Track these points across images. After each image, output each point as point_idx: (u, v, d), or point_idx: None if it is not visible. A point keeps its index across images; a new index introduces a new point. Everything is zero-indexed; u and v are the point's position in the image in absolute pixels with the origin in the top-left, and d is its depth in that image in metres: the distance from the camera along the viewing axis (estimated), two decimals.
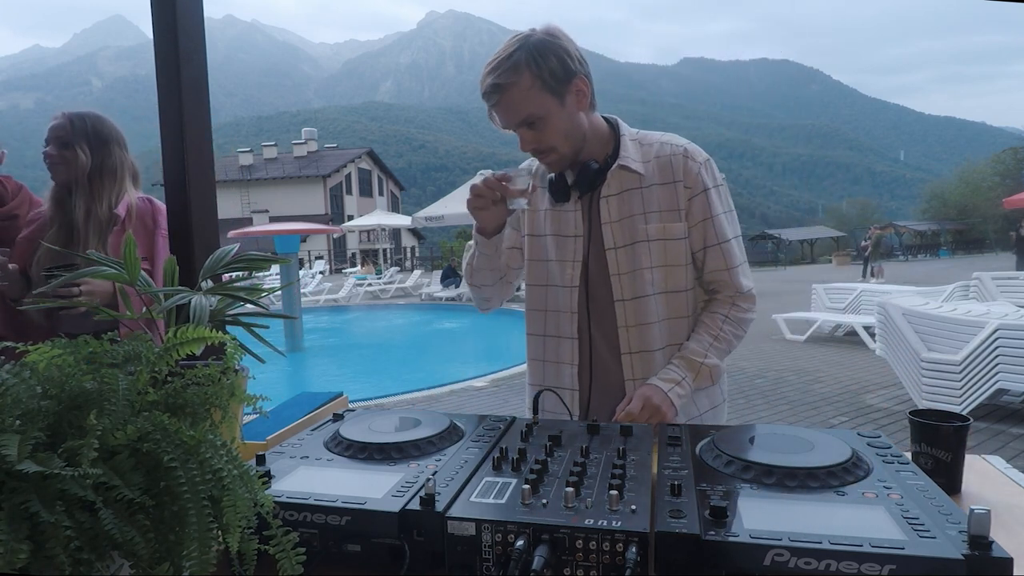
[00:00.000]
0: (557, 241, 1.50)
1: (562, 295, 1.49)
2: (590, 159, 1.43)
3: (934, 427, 1.03)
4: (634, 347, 1.44)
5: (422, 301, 17.57)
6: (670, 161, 1.44)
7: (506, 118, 1.36)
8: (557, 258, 1.50)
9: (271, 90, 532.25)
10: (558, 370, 1.51)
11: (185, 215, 1.37)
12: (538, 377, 1.56)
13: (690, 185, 1.42)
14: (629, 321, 1.43)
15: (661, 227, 1.42)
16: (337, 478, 0.88)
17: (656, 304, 1.44)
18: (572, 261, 1.48)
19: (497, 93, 1.33)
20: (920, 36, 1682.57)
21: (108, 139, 1.97)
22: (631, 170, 1.43)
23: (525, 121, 1.35)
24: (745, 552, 0.67)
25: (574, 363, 1.49)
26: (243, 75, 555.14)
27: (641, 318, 1.43)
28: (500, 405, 6.29)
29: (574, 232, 1.48)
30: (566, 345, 1.49)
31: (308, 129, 53.53)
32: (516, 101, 1.33)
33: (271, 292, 1.06)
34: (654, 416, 1.33)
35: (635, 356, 1.44)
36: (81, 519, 0.54)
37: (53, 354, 0.66)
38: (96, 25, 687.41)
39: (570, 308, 1.48)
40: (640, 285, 1.43)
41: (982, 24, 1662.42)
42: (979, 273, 7.96)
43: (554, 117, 1.35)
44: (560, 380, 1.51)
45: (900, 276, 19.23)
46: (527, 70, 1.31)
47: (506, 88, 1.32)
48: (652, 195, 1.43)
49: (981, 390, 4.91)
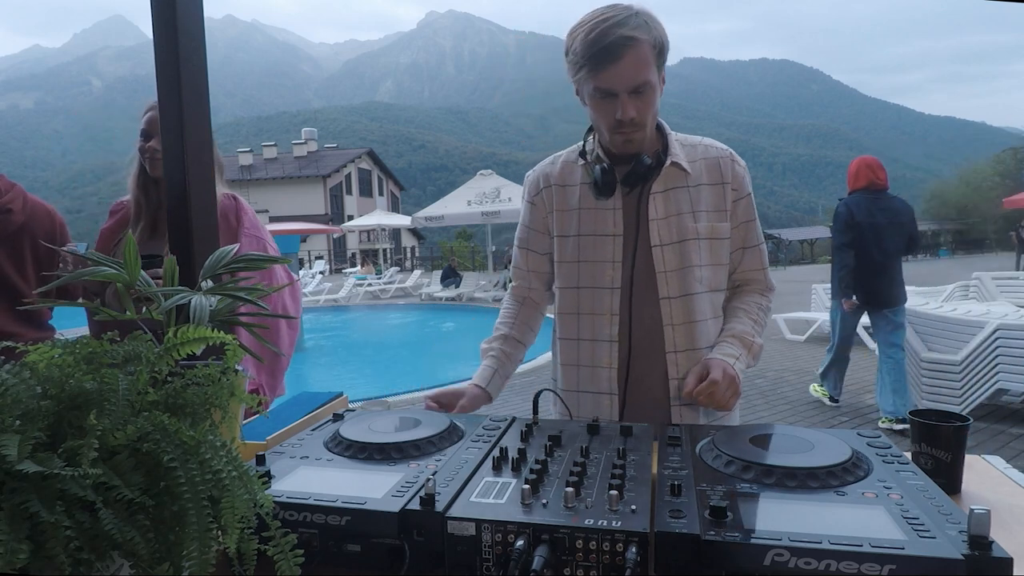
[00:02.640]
0: (595, 241, 1.46)
1: (600, 297, 1.45)
2: (642, 153, 1.40)
3: (934, 427, 1.03)
4: (680, 346, 1.42)
5: (422, 301, 17.57)
6: (718, 163, 1.46)
7: (624, 77, 1.29)
8: (594, 259, 1.46)
9: (271, 90, 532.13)
10: (594, 374, 1.47)
11: (185, 215, 1.37)
12: (572, 382, 1.51)
13: (736, 188, 1.46)
14: (676, 319, 1.41)
15: (710, 226, 1.43)
16: (337, 478, 0.88)
17: (704, 302, 1.43)
18: (612, 262, 1.44)
19: (627, 47, 1.26)
20: (920, 36, 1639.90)
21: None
22: (682, 168, 1.43)
23: (640, 85, 1.30)
24: (745, 552, 0.67)
25: (612, 366, 1.45)
26: (243, 75, 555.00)
27: (689, 316, 1.42)
28: (500, 405, 6.28)
29: (613, 231, 1.44)
30: (604, 348, 1.45)
31: (308, 129, 53.52)
32: (642, 59, 1.28)
33: (271, 292, 1.05)
34: (731, 387, 1.30)
35: (681, 355, 1.42)
36: (81, 519, 0.54)
37: (53, 354, 0.66)
38: (96, 25, 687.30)
39: (610, 310, 1.44)
40: (689, 283, 1.42)
41: (982, 24, 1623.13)
42: (979, 273, 7.95)
43: (655, 92, 1.34)
44: (597, 384, 1.47)
45: None
46: (649, 34, 1.29)
47: (638, 44, 1.27)
48: (700, 194, 1.44)
49: (981, 390, 4.91)
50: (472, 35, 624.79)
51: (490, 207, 15.88)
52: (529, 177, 1.60)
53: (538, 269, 1.59)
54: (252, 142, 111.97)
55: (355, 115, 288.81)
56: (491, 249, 20.52)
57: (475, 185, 16.95)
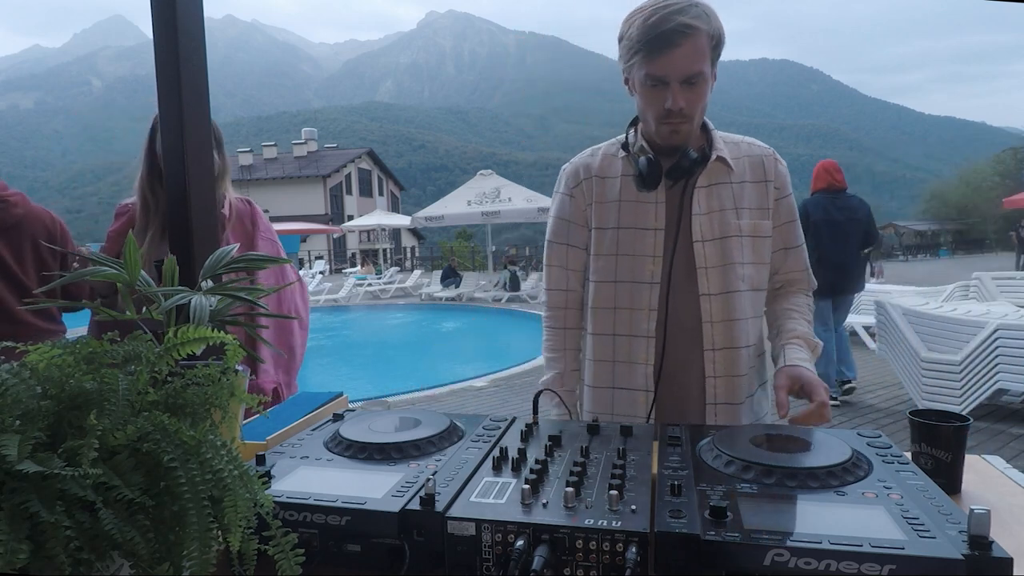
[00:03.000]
0: (634, 234, 1.43)
1: (639, 291, 1.42)
2: (687, 147, 1.38)
3: (934, 427, 1.03)
4: (719, 344, 1.39)
5: (422, 301, 17.56)
6: (762, 161, 1.45)
7: (678, 65, 1.27)
8: (633, 252, 1.43)
9: (271, 90, 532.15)
10: (630, 370, 1.44)
11: (185, 215, 1.37)
12: (605, 379, 1.48)
13: (779, 187, 1.46)
14: (715, 316, 1.39)
15: (753, 224, 1.42)
16: (337, 478, 0.88)
17: (746, 300, 1.42)
18: (652, 256, 1.41)
19: (685, 35, 1.25)
20: (920, 36, 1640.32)
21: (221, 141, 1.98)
22: (726, 164, 1.42)
23: (694, 75, 1.29)
24: (745, 552, 0.67)
25: (649, 363, 1.42)
26: (243, 75, 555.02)
27: (729, 314, 1.39)
28: (500, 405, 6.29)
29: (654, 225, 1.42)
30: (640, 344, 1.42)
31: (308, 129, 53.50)
32: (699, 49, 1.27)
33: (271, 292, 1.05)
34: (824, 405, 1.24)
35: (719, 353, 1.39)
36: (81, 519, 0.54)
37: (53, 354, 0.66)
38: (96, 25, 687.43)
39: (648, 305, 1.42)
40: (731, 280, 1.39)
41: (982, 24, 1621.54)
42: (979, 273, 7.95)
43: (707, 85, 1.33)
44: (632, 381, 1.44)
45: (900, 276, 19.22)
46: (708, 25, 1.28)
47: (696, 33, 1.26)
48: (743, 192, 1.43)
49: (981, 390, 4.90)
50: (472, 35, 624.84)
51: (490, 207, 15.89)
52: (567, 169, 1.56)
53: (578, 267, 1.54)
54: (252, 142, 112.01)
55: (355, 115, 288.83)
56: (491, 249, 20.53)
57: (475, 185, 16.96)
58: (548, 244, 1.59)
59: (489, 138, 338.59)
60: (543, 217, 16.29)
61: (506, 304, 15.70)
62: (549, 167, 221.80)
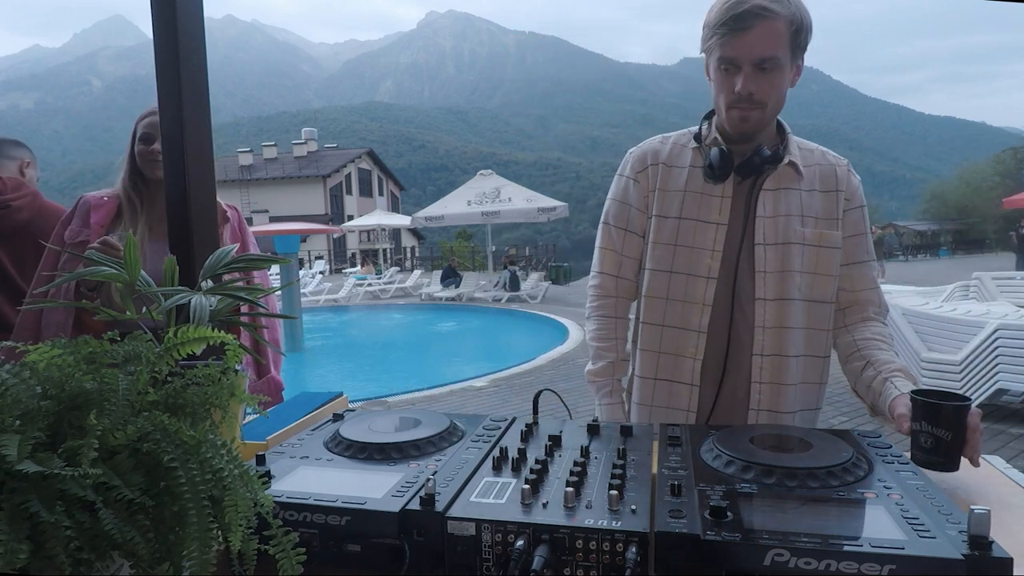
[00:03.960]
0: (696, 227, 1.40)
1: (694, 285, 1.40)
2: (762, 145, 1.36)
3: (935, 406, 1.03)
4: (768, 349, 1.36)
5: (422, 301, 17.56)
6: (835, 171, 1.43)
7: (751, 47, 1.25)
8: (693, 244, 1.40)
9: (271, 90, 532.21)
10: (677, 363, 1.42)
11: (185, 215, 1.37)
12: (650, 369, 1.46)
13: (850, 197, 1.42)
14: (768, 322, 1.36)
15: (819, 233, 1.39)
16: (337, 478, 0.88)
17: (799, 310, 1.37)
18: (712, 250, 1.39)
19: (760, 16, 1.23)
20: (920, 36, 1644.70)
21: None
22: (797, 170, 1.39)
23: (766, 60, 1.26)
24: (745, 552, 0.67)
25: (697, 357, 1.39)
26: (243, 75, 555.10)
27: (781, 321, 1.36)
28: (500, 405, 6.29)
29: (717, 219, 1.39)
30: (691, 338, 1.40)
31: (308, 129, 53.49)
32: (775, 33, 1.25)
33: (271, 292, 1.06)
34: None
35: (767, 359, 1.36)
36: (81, 519, 0.54)
37: (53, 354, 0.66)
38: (96, 25, 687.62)
39: (703, 300, 1.39)
40: (787, 287, 1.36)
41: (982, 24, 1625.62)
42: (979, 273, 7.95)
43: (783, 73, 1.30)
44: (678, 374, 1.42)
45: (900, 276, 19.22)
46: (787, 10, 1.26)
47: (774, 16, 1.24)
48: (812, 200, 1.40)
49: (981, 390, 4.91)
50: (472, 35, 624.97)
51: (490, 207, 15.88)
52: (633, 153, 1.52)
53: (633, 254, 1.51)
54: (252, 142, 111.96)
55: (355, 115, 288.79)
56: (491, 249, 20.52)
57: (475, 185, 16.96)
58: (603, 227, 1.55)
59: (489, 138, 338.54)
60: (543, 217, 16.30)
61: (506, 304, 15.70)
62: (549, 167, 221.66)
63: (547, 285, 17.32)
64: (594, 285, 1.57)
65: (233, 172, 45.63)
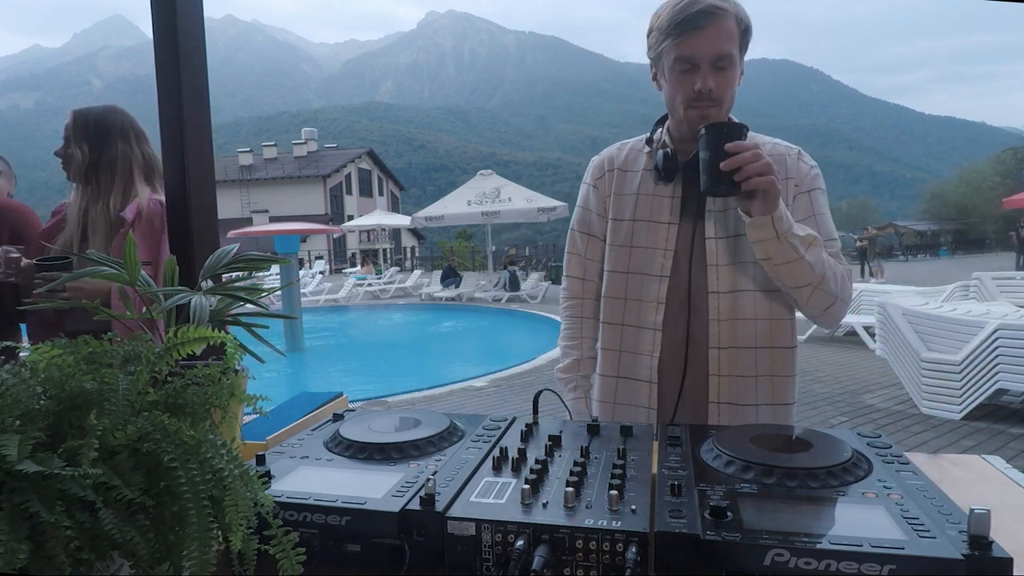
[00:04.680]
0: (649, 227, 1.45)
1: (648, 284, 1.44)
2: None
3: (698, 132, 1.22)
4: (724, 342, 1.39)
5: (422, 301, 17.57)
6: (784, 160, 1.43)
7: (708, 45, 1.29)
8: (646, 244, 1.45)
9: (271, 90, 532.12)
10: (635, 361, 1.45)
11: (185, 215, 1.37)
12: (612, 367, 1.50)
13: (799, 183, 1.42)
14: (723, 315, 1.38)
15: None
16: (337, 478, 0.88)
17: (755, 300, 1.39)
18: (664, 249, 1.43)
19: (714, 15, 1.28)
20: (920, 36, 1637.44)
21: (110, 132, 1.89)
22: None
23: (723, 58, 1.30)
24: (745, 552, 0.67)
25: (654, 355, 1.42)
26: (243, 75, 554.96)
27: (736, 313, 1.38)
28: (500, 405, 6.29)
29: (668, 219, 1.44)
30: (647, 336, 1.44)
31: (308, 129, 53.54)
32: (727, 31, 1.30)
33: (271, 292, 1.06)
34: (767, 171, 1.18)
35: (724, 352, 1.39)
36: (81, 519, 0.54)
37: (53, 354, 0.66)
38: (96, 25, 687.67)
39: (657, 298, 1.42)
40: (740, 279, 1.39)
41: (982, 24, 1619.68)
42: (979, 273, 7.96)
43: (736, 71, 1.34)
44: (636, 371, 1.45)
45: (900, 276, 19.23)
46: (736, 10, 1.31)
47: (724, 15, 1.29)
48: None
49: (981, 390, 4.91)
50: (472, 35, 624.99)
51: (490, 207, 15.89)
52: (594, 161, 1.59)
53: (596, 257, 1.56)
54: (252, 142, 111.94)
55: (355, 115, 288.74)
56: (491, 249, 20.53)
57: (475, 185, 16.96)
58: (570, 232, 1.62)
59: (489, 138, 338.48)
60: (543, 217, 16.30)
61: (506, 304, 15.71)
62: (549, 167, 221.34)
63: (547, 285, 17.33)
64: (564, 288, 1.65)
65: (233, 172, 45.65)
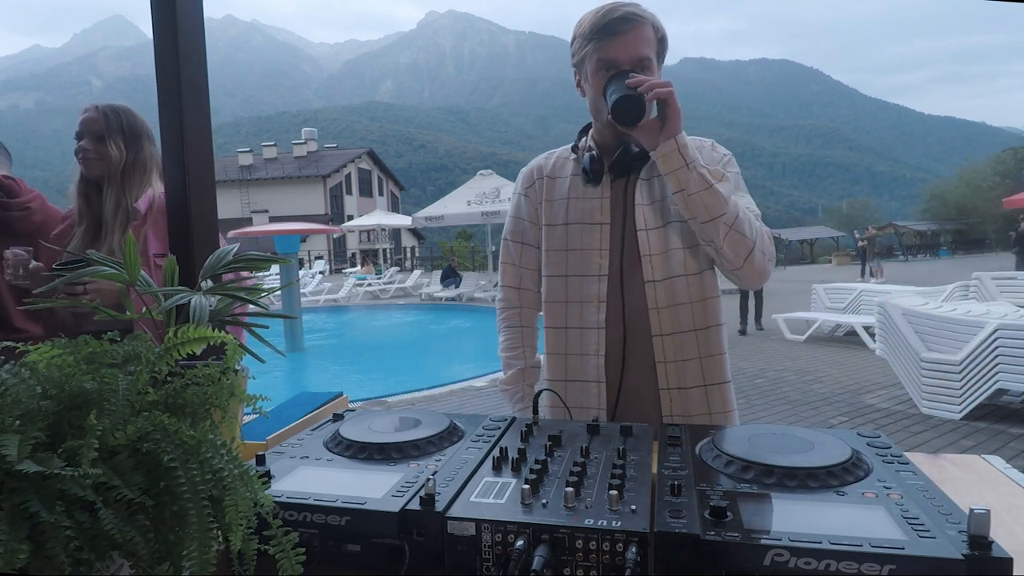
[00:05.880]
0: (582, 229, 1.49)
1: (588, 284, 1.47)
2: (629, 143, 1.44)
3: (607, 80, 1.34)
4: (666, 329, 1.43)
5: (422, 301, 17.57)
6: (700, 149, 1.47)
7: (629, 48, 1.37)
8: (582, 247, 1.48)
9: (271, 90, 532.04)
10: (582, 362, 1.48)
11: (185, 215, 1.37)
12: (559, 372, 1.52)
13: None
14: (661, 303, 1.43)
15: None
16: (337, 478, 0.88)
17: (687, 285, 1.44)
18: (599, 249, 1.47)
19: (632, 22, 1.36)
20: (920, 36, 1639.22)
21: (140, 133, 1.96)
22: None
23: (643, 60, 1.37)
24: (745, 552, 0.67)
25: (600, 353, 1.46)
26: (243, 75, 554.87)
27: (673, 299, 1.43)
28: (500, 405, 6.27)
29: (600, 219, 1.48)
30: (591, 336, 1.46)
31: (308, 129, 53.52)
32: (646, 37, 1.38)
33: (271, 292, 1.06)
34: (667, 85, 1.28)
35: (667, 338, 1.43)
36: (81, 519, 0.54)
37: (53, 354, 0.66)
38: (96, 25, 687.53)
39: (597, 297, 1.46)
40: (672, 265, 1.43)
41: (982, 24, 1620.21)
42: (979, 273, 7.96)
43: (654, 74, 1.40)
44: (584, 372, 1.48)
45: (900, 276, 19.23)
46: (652, 21, 1.40)
47: (642, 21, 1.37)
48: None
49: (981, 390, 4.91)
50: (472, 35, 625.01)
51: (490, 207, 15.88)
52: (523, 172, 1.64)
53: (531, 265, 1.60)
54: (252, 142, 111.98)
55: (355, 115, 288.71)
56: (491, 249, 20.51)
57: (475, 185, 16.95)
58: (503, 242, 1.66)
59: (489, 138, 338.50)
60: None
61: None
62: None
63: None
64: (499, 299, 1.67)
65: (233, 172, 45.64)
